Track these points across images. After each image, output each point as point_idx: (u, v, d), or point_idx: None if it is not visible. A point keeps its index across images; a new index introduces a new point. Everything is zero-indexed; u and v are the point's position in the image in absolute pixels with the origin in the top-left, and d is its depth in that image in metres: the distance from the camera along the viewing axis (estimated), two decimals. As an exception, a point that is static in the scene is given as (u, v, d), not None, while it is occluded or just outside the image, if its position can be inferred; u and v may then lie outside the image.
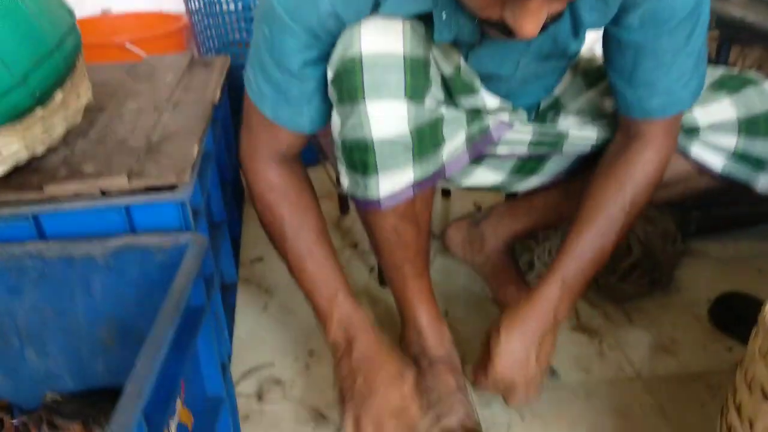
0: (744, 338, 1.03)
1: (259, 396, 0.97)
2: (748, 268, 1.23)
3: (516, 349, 0.81)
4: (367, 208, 0.78)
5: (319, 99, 0.76)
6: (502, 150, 0.88)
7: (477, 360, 0.87)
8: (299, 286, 0.83)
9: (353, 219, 1.47)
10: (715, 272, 1.23)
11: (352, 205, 1.53)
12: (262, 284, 1.24)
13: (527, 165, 0.95)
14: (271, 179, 0.82)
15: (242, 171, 0.86)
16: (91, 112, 0.98)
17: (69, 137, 0.90)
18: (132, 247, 0.70)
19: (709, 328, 1.08)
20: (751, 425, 0.53)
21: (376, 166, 0.72)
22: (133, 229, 0.76)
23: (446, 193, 1.53)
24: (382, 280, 1.22)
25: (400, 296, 0.89)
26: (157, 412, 0.55)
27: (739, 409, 0.57)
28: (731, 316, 1.06)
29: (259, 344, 1.08)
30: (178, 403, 0.65)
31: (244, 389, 0.98)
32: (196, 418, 0.71)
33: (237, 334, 1.10)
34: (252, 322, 1.13)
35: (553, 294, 0.82)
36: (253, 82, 0.77)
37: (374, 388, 0.76)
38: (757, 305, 1.08)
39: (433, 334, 0.89)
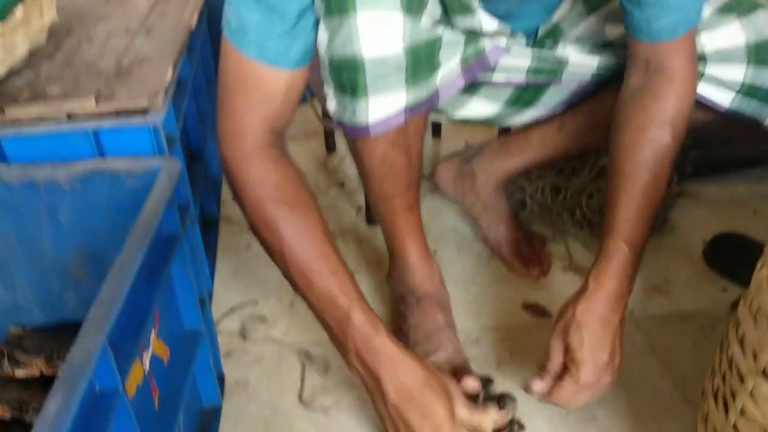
0: (739, 278, 1.02)
1: (243, 334, 0.94)
2: (744, 210, 1.20)
3: (601, 345, 0.69)
4: (356, 135, 0.73)
5: (314, 19, 0.66)
6: (498, 77, 0.83)
7: (546, 367, 0.73)
8: (304, 299, 0.71)
9: (340, 158, 1.42)
10: (710, 214, 1.20)
11: (339, 144, 1.48)
12: (245, 223, 1.19)
13: (524, 95, 0.91)
14: (258, 170, 0.68)
15: (223, 164, 0.71)
16: (57, 35, 0.91)
17: (33, 60, 0.84)
18: (99, 171, 0.65)
19: (703, 269, 1.06)
20: (755, 356, 0.51)
21: (366, 87, 0.67)
22: (102, 157, 0.71)
23: (437, 132, 1.48)
24: (370, 218, 1.19)
25: (389, 232, 0.86)
26: (126, 341, 0.51)
27: (742, 342, 0.54)
28: (726, 257, 1.04)
29: (242, 283, 1.04)
30: (153, 336, 0.61)
31: (227, 327, 0.95)
32: (173, 352, 0.67)
33: (219, 273, 1.07)
34: (235, 260, 1.10)
35: (625, 264, 0.71)
36: (233, 17, 0.66)
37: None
38: (753, 246, 1.07)
39: (422, 270, 0.86)
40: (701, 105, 0.82)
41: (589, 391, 0.70)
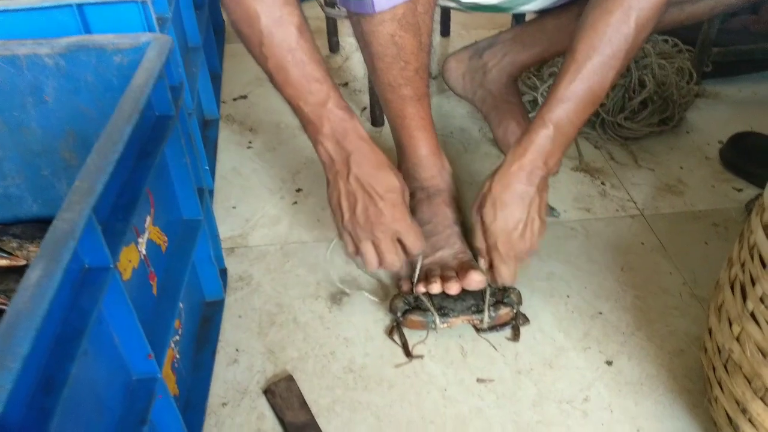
0: (757, 178, 0.99)
1: (245, 231, 0.92)
2: (765, 111, 1.15)
3: (512, 214, 0.71)
4: (361, 12, 0.68)
5: None
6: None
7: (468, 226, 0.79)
8: (280, 92, 0.70)
9: (344, 58, 1.36)
10: (728, 114, 1.15)
11: (342, 43, 1.41)
12: (245, 122, 1.15)
13: (539, -24, 0.84)
14: None
15: None
16: None
17: (10, -67, 0.77)
18: (84, 46, 0.60)
19: (718, 169, 1.02)
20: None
21: None
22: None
23: (445, 30, 1.41)
24: (375, 119, 1.14)
25: (398, 125, 0.82)
26: (117, 219, 0.49)
27: (767, 227, 0.51)
28: (744, 157, 1.00)
29: (243, 182, 1.02)
30: (148, 221, 0.59)
31: (229, 224, 0.93)
32: (171, 240, 0.65)
33: (220, 172, 1.04)
34: (235, 160, 1.06)
35: (545, 141, 0.70)
36: None
37: (376, 210, 0.70)
38: (774, 143, 1.03)
39: (432, 165, 0.83)
40: None
41: (511, 260, 0.73)
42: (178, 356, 0.65)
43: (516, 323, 0.76)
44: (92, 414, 0.46)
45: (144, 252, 0.57)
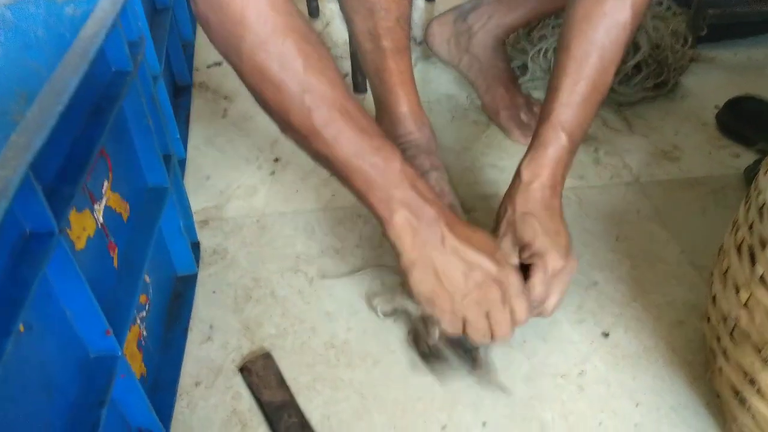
0: (755, 143, 0.95)
1: (219, 204, 0.87)
2: (761, 76, 1.12)
3: (555, 229, 0.63)
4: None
5: None
6: None
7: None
8: (324, 154, 0.54)
9: (324, 23, 1.31)
10: (724, 79, 1.11)
11: (322, 8, 1.35)
12: (220, 90, 1.10)
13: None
14: None
15: None
16: None
17: None
18: (32, -5, 0.55)
19: (715, 134, 0.98)
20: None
21: None
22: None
23: (430, -5, 1.35)
24: (357, 86, 1.09)
25: (378, 79, 0.76)
26: (64, 182, 0.44)
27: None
28: (741, 121, 0.96)
29: (218, 152, 0.96)
30: (106, 187, 0.54)
31: (202, 196, 0.88)
32: (134, 209, 0.60)
33: (192, 142, 0.98)
34: (209, 129, 1.01)
35: (561, 153, 0.63)
36: None
37: (493, 284, 0.57)
38: (769, 108, 0.99)
39: (411, 122, 0.78)
40: None
41: (560, 280, 0.63)
42: (145, 333, 0.61)
43: None
44: (39, 395, 0.41)
45: (101, 220, 0.52)
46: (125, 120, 0.59)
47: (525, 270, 0.63)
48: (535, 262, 0.62)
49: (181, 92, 1.04)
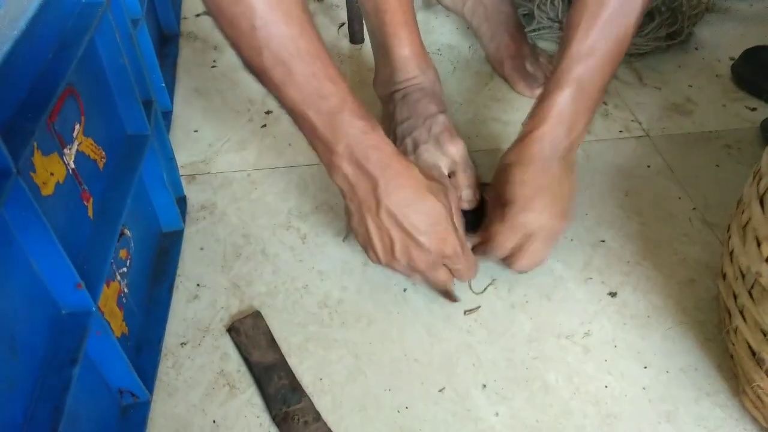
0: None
1: (207, 158, 0.83)
2: (779, 27, 1.06)
3: (539, 186, 0.60)
4: None
5: None
6: None
7: (485, 224, 0.65)
8: (277, 95, 0.52)
9: (319, -29, 1.24)
10: (739, 30, 1.06)
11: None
12: (209, 40, 1.04)
13: None
14: None
15: None
16: None
17: None
18: None
19: (730, 87, 0.93)
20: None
21: None
22: None
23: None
24: (354, 35, 1.04)
25: (378, 21, 0.71)
26: (24, 118, 0.39)
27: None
28: (759, 72, 0.91)
29: (206, 104, 0.91)
30: (78, 130, 0.50)
31: (190, 150, 0.84)
32: (111, 157, 0.56)
33: (180, 94, 0.93)
34: (198, 80, 0.96)
35: (563, 106, 0.59)
36: None
37: (420, 250, 0.56)
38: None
39: (415, 66, 0.73)
40: None
41: (541, 239, 0.61)
42: (126, 290, 0.57)
43: None
44: (1, 352, 0.38)
45: (72, 165, 0.48)
46: (99, 60, 0.54)
47: None
48: (505, 212, 0.60)
49: (167, 41, 0.99)
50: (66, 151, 0.47)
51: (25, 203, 0.38)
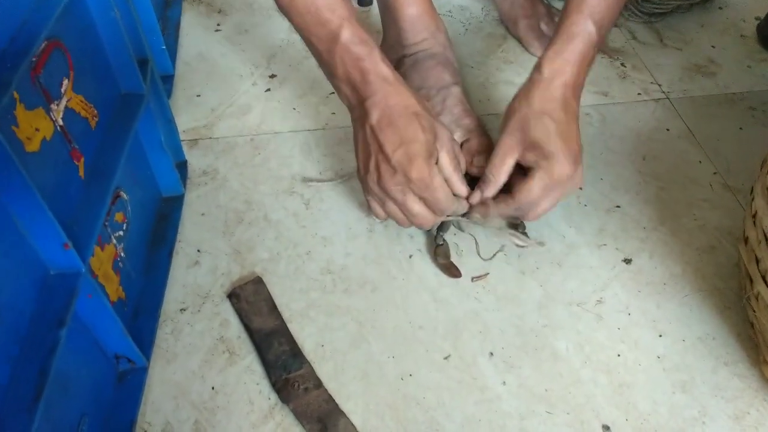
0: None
1: (209, 123, 0.81)
2: (809, -16, 1.01)
3: (571, 134, 0.57)
4: None
5: None
6: None
7: (487, 175, 0.60)
8: (290, 20, 0.57)
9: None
10: (767, -11, 1.01)
11: None
12: (213, 3, 1.01)
13: None
14: None
15: None
16: None
17: None
18: None
19: (756, 48, 0.89)
20: None
21: None
22: None
23: None
24: (361, -2, 1.00)
25: None
26: (1, 69, 0.37)
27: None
28: (787, 32, 0.87)
29: (210, 68, 0.89)
30: (66, 86, 0.48)
31: (192, 113, 0.81)
32: (104, 116, 0.54)
33: (183, 58, 0.91)
34: (201, 44, 0.93)
35: (588, 48, 0.57)
36: None
37: (388, 167, 0.56)
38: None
39: (423, 27, 0.70)
40: None
41: (563, 186, 0.57)
42: (122, 254, 0.56)
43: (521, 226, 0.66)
44: (-19, 313, 0.36)
45: (60, 122, 0.46)
46: (89, 13, 0.52)
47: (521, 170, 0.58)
48: (540, 165, 0.56)
49: (170, 4, 0.96)
50: (53, 106, 0.45)
51: (5, 157, 0.36)
